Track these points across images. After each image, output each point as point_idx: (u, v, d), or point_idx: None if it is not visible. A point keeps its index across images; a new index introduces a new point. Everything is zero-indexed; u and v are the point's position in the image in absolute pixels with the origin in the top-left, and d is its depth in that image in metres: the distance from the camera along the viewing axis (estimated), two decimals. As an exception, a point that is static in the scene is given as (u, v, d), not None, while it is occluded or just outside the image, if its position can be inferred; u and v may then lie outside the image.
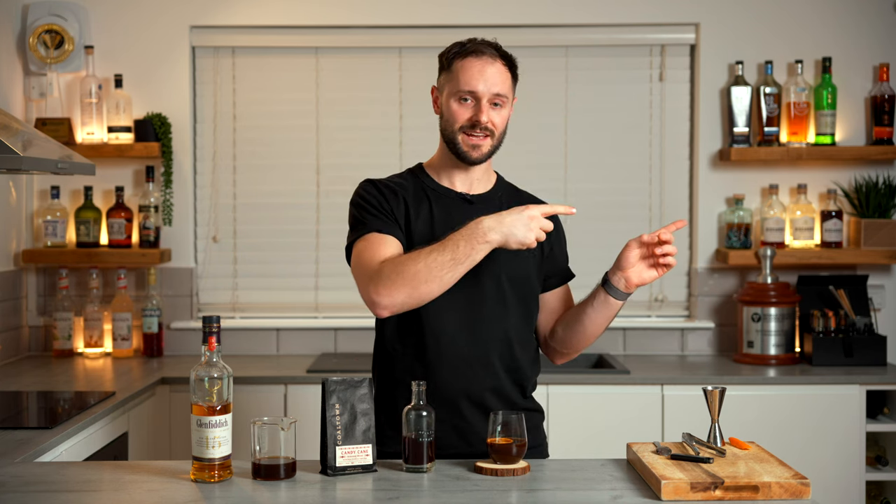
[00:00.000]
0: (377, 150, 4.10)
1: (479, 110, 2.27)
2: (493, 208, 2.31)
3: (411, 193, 2.35)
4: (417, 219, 2.32)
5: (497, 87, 2.28)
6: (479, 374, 2.32)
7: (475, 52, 2.29)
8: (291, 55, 4.09)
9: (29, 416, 3.01)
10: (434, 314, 2.29)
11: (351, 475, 2.11)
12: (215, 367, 2.05)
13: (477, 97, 2.28)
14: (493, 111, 2.29)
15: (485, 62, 2.28)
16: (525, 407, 2.39)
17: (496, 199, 2.39)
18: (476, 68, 2.27)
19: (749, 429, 3.32)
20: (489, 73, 2.27)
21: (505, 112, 2.32)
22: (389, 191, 2.34)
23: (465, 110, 2.29)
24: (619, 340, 4.06)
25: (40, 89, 3.97)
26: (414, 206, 2.33)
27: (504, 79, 2.29)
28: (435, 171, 2.39)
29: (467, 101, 2.29)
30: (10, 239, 3.88)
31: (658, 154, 4.11)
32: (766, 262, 3.85)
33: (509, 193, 2.44)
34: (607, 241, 4.10)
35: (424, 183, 2.37)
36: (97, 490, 2.04)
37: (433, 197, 2.35)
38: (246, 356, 4.00)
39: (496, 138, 2.32)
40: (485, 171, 2.41)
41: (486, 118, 2.27)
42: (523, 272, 2.36)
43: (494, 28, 4.00)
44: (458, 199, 2.36)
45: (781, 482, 1.97)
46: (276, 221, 4.12)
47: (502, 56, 2.31)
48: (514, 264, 2.34)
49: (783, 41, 4.02)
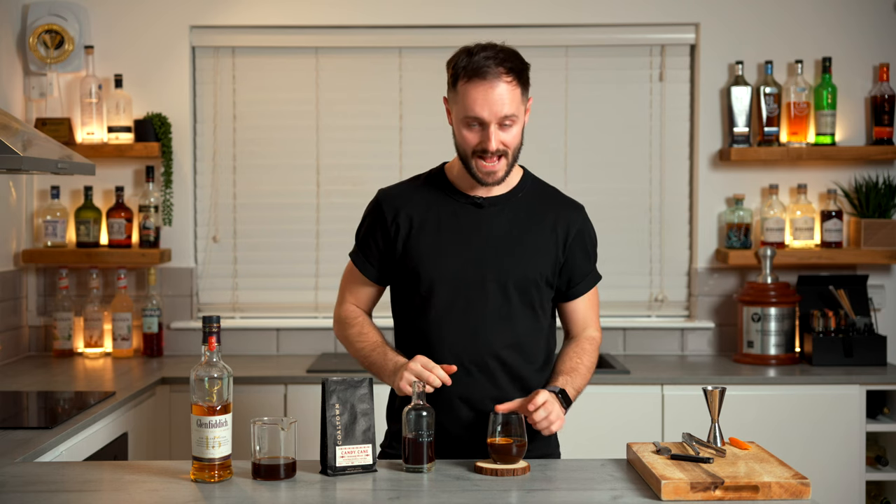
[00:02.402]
0: (377, 150, 4.10)
1: (487, 138, 2.22)
2: (507, 211, 2.32)
3: (423, 201, 2.35)
4: (422, 231, 2.32)
5: (504, 110, 2.22)
6: (479, 381, 2.31)
7: (480, 73, 2.20)
8: (291, 55, 4.09)
9: (29, 416, 3.01)
10: (434, 321, 2.31)
11: (351, 475, 2.11)
12: (215, 367, 2.05)
13: (484, 123, 2.23)
14: (503, 132, 2.24)
15: (489, 86, 2.20)
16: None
17: (513, 199, 2.35)
18: (481, 94, 2.21)
19: (749, 429, 3.32)
20: (493, 98, 2.20)
21: (516, 129, 2.27)
22: (393, 208, 2.36)
23: (474, 135, 2.25)
24: (619, 340, 4.06)
25: (40, 89, 3.97)
26: (420, 216, 2.33)
27: (512, 98, 2.22)
28: (452, 173, 2.38)
29: (475, 127, 2.24)
30: (10, 239, 3.88)
31: (658, 154, 4.11)
32: (766, 262, 3.85)
33: (531, 192, 2.39)
34: (607, 241, 4.10)
35: (439, 186, 2.37)
36: (97, 490, 2.05)
37: (443, 202, 2.34)
38: (246, 356, 4.00)
39: (511, 156, 2.28)
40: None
41: (495, 144, 2.23)
42: (532, 279, 2.33)
43: (494, 28, 4.01)
44: (467, 204, 2.34)
45: (781, 482, 1.97)
46: (276, 221, 4.12)
47: (509, 70, 2.22)
48: (522, 271, 2.31)
49: (783, 41, 4.02)
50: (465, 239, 2.31)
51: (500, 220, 2.33)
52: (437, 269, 2.30)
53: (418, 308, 2.34)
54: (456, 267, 2.30)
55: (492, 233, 2.32)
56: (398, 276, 2.38)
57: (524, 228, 2.33)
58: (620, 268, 4.10)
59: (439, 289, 2.30)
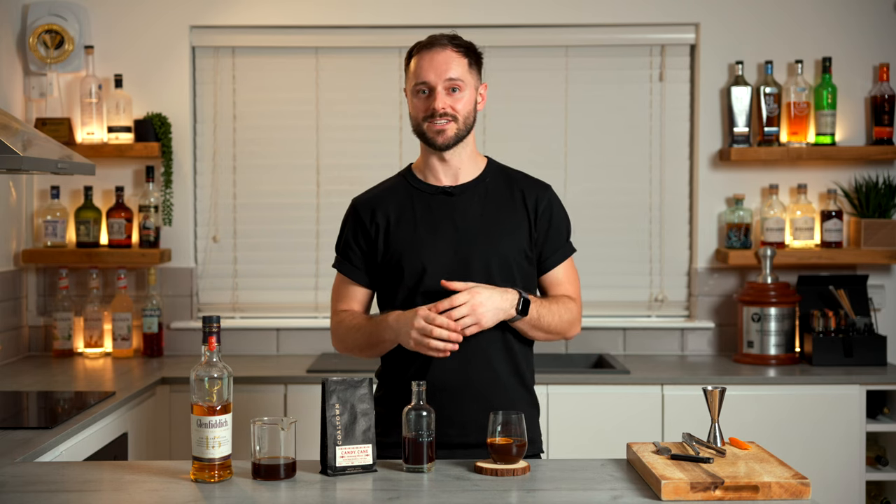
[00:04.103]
0: (377, 149, 4.10)
1: (434, 98, 2.34)
2: (477, 196, 2.40)
3: (395, 200, 2.44)
4: (399, 225, 2.40)
5: (449, 73, 2.34)
6: (474, 365, 2.35)
7: (427, 45, 2.38)
8: (291, 55, 4.09)
9: (29, 416, 3.01)
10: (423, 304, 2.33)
11: (351, 475, 2.11)
12: (215, 367, 2.05)
13: (431, 86, 2.35)
14: (451, 97, 2.35)
15: (434, 52, 2.35)
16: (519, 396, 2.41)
17: (482, 185, 2.44)
18: (427, 59, 2.36)
19: (749, 429, 3.32)
20: (438, 60, 2.34)
21: (465, 96, 2.37)
22: (368, 210, 2.44)
23: (423, 102, 2.37)
24: (619, 340, 4.06)
25: (40, 89, 3.97)
26: (395, 214, 2.42)
27: (457, 64, 2.35)
28: (419, 170, 2.48)
29: (424, 94, 2.37)
30: (10, 239, 3.88)
31: (658, 154, 4.11)
32: (766, 262, 3.85)
33: (498, 177, 2.47)
34: (607, 241, 4.12)
35: (410, 183, 2.46)
36: (97, 490, 2.05)
37: (416, 196, 2.43)
38: (246, 356, 3.99)
39: (461, 122, 2.37)
40: (469, 158, 2.45)
41: (441, 105, 2.34)
42: (512, 257, 2.39)
43: (494, 28, 4.01)
44: (438, 194, 2.42)
45: (781, 482, 1.97)
46: (276, 221, 4.12)
47: (455, 44, 2.37)
48: (501, 251, 2.38)
49: (783, 41, 4.02)
50: (441, 227, 2.39)
51: (472, 206, 2.41)
52: (420, 260, 2.37)
53: (406, 301, 2.38)
54: (438, 255, 2.37)
55: (466, 218, 2.40)
56: (383, 274, 2.43)
57: (496, 209, 2.41)
58: (620, 268, 4.10)
59: (424, 278, 2.36)
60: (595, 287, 4.01)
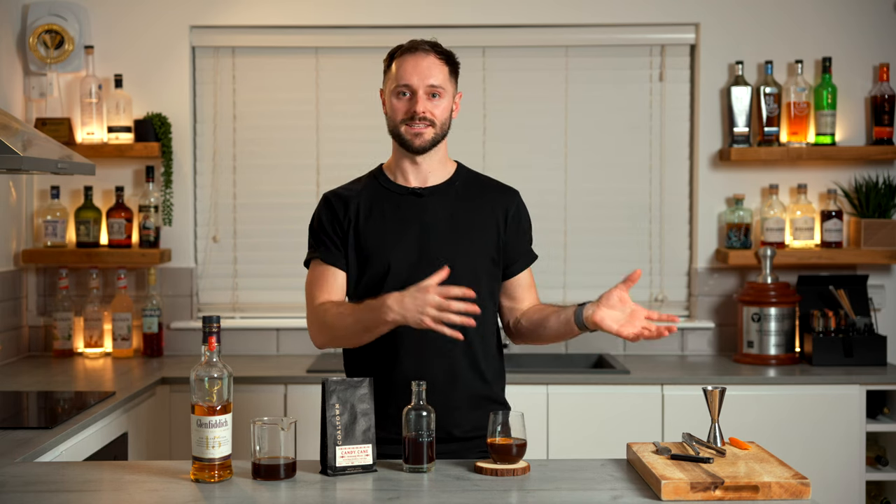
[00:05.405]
0: (377, 150, 4.07)
1: (416, 102, 2.37)
2: (446, 199, 2.43)
3: (366, 196, 2.46)
4: (368, 220, 2.42)
5: (431, 79, 2.37)
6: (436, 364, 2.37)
7: (410, 49, 2.40)
8: (291, 55, 4.09)
9: (29, 416, 3.01)
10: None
11: (351, 475, 2.11)
12: (215, 367, 2.05)
13: (412, 90, 2.37)
14: (431, 102, 2.38)
15: (418, 57, 2.38)
16: (487, 396, 2.43)
17: (451, 188, 2.46)
18: (410, 63, 2.38)
19: (749, 429, 3.32)
20: (422, 66, 2.37)
21: (444, 103, 2.40)
22: (341, 202, 2.45)
23: (403, 104, 2.40)
24: (619, 340, 4.05)
25: (40, 89, 3.97)
26: (366, 209, 2.44)
27: (439, 71, 2.38)
28: (390, 171, 2.50)
29: (405, 96, 2.39)
30: (10, 239, 3.88)
31: (658, 154, 4.11)
32: (766, 262, 3.85)
33: (467, 181, 2.49)
34: (606, 241, 4.12)
35: (380, 183, 2.48)
36: (97, 490, 2.05)
37: (385, 196, 2.45)
38: (246, 356, 3.99)
39: (438, 128, 2.40)
40: (439, 162, 2.47)
41: (422, 108, 2.37)
42: (479, 260, 2.41)
43: (494, 28, 4.01)
44: (408, 195, 2.44)
45: (781, 482, 1.97)
46: (276, 221, 4.12)
47: (438, 52, 2.40)
48: (468, 253, 2.40)
49: (783, 41, 4.02)
50: (409, 227, 2.41)
51: (442, 208, 2.43)
52: (388, 256, 2.39)
53: (367, 297, 2.36)
54: (405, 253, 2.39)
55: (435, 220, 2.42)
56: (353, 267, 2.44)
57: (464, 212, 2.44)
58: (620, 268, 4.09)
59: (391, 276, 2.37)
60: (595, 287, 3.98)
